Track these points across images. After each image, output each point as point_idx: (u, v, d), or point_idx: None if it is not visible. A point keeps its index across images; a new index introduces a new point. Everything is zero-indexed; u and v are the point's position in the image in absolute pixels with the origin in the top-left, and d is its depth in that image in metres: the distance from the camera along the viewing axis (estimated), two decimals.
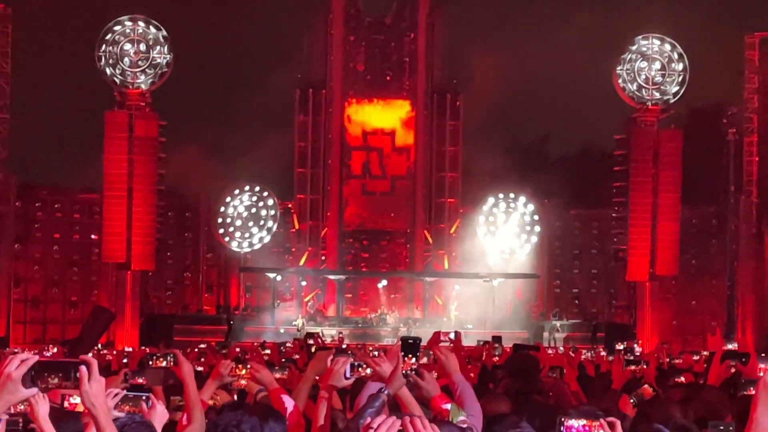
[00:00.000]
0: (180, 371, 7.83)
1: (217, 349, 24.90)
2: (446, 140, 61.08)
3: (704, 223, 60.21)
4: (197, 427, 7.38)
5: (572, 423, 5.76)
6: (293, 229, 61.58)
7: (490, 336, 29.95)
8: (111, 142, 54.01)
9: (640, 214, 55.66)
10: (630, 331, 53.56)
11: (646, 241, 55.63)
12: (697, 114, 61.67)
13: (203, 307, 60.80)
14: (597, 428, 5.73)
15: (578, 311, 60.76)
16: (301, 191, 61.14)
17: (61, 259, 59.20)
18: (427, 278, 60.46)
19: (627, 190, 56.59)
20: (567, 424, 5.77)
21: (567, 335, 52.64)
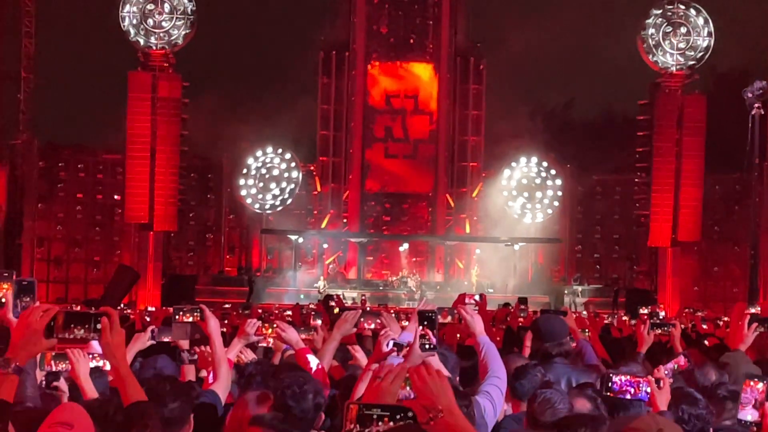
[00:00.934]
0: (206, 326, 7.86)
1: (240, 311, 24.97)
2: (469, 104, 60.95)
3: (727, 190, 59.91)
4: (223, 383, 7.41)
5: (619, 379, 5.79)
6: (315, 191, 61.60)
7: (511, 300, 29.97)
8: (134, 102, 53.97)
9: (663, 180, 55.39)
10: (651, 296, 53.43)
11: (668, 206, 55.39)
12: (722, 80, 61.30)
13: (225, 268, 60.93)
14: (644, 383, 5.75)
15: (599, 276, 60.71)
16: (323, 154, 61.13)
17: (83, 219, 59.33)
18: (448, 242, 60.45)
19: (650, 155, 56.31)
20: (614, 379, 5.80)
21: (588, 300, 52.64)
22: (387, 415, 3.78)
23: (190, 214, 60.26)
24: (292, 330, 8.33)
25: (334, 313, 12.85)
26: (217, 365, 7.62)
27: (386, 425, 3.76)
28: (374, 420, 3.77)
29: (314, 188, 61.51)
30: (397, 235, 60.65)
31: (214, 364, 7.75)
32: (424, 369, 4.29)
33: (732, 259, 59.92)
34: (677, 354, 8.24)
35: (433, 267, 60.44)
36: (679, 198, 55.21)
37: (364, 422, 3.76)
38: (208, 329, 7.81)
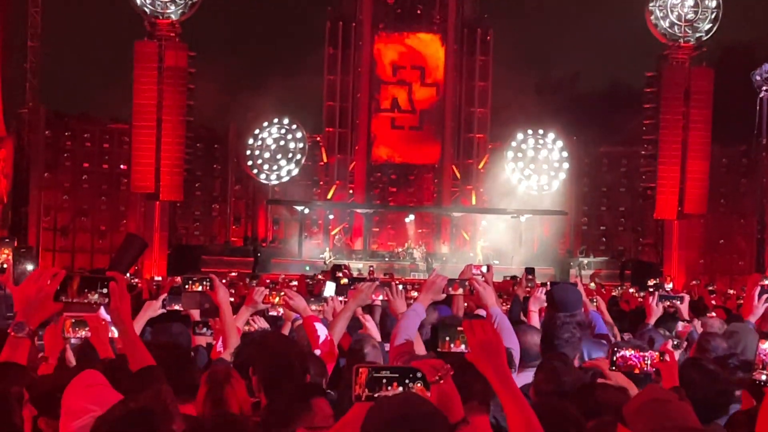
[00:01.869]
0: (216, 296, 7.87)
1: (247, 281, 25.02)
2: (476, 75, 60.84)
3: (734, 162, 59.90)
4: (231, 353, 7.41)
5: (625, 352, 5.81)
6: (321, 162, 61.58)
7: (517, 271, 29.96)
8: (140, 72, 53.92)
9: (670, 152, 55.35)
10: (657, 269, 53.48)
11: (675, 179, 55.36)
12: (728, 53, 61.08)
13: (231, 238, 61.02)
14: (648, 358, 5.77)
15: (605, 248, 60.71)
16: (330, 125, 61.06)
17: (90, 188, 59.40)
18: (454, 213, 60.51)
19: (657, 127, 56.24)
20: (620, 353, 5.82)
21: (594, 272, 52.60)
22: (396, 378, 3.79)
23: (196, 184, 60.28)
24: (299, 298, 8.34)
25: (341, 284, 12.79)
26: (227, 334, 7.65)
27: (395, 389, 3.78)
28: (383, 384, 3.79)
29: (320, 159, 61.48)
30: (403, 207, 60.66)
31: (223, 333, 7.79)
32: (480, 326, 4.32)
33: (738, 231, 59.98)
34: None
35: (438, 238, 60.49)
36: (685, 170, 55.18)
37: (373, 386, 3.78)
38: (218, 299, 7.84)
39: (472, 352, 4.29)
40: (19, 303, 4.50)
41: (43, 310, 4.53)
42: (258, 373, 5.95)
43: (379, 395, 3.79)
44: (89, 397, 4.14)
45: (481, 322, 4.40)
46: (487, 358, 4.25)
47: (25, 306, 4.46)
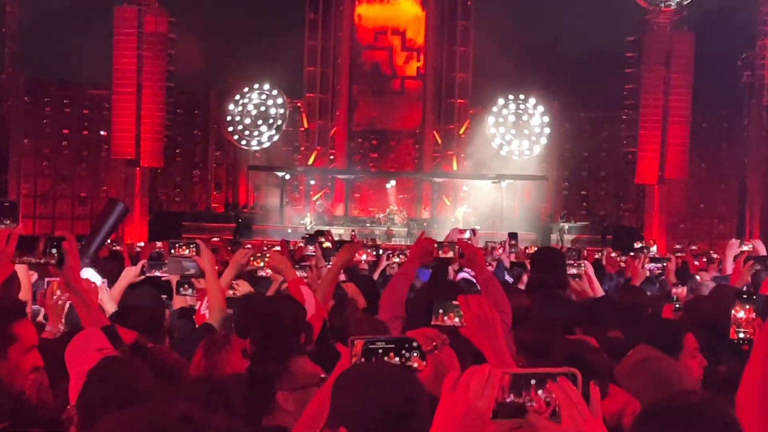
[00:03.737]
0: (201, 261, 7.84)
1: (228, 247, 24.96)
2: (457, 40, 60.72)
3: (715, 127, 59.98)
4: (217, 317, 7.39)
5: None
6: (302, 128, 61.42)
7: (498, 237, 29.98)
8: (120, 38, 53.75)
9: (651, 117, 55.47)
10: (638, 233, 53.57)
11: (656, 144, 55.49)
12: (709, 16, 61.01)
13: (212, 204, 60.96)
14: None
15: (586, 213, 60.81)
16: (310, 90, 60.87)
17: (70, 155, 59.19)
18: (435, 179, 60.52)
19: (638, 92, 56.34)
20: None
21: (575, 237, 52.75)
22: (392, 349, 3.76)
23: (176, 150, 60.14)
24: (285, 260, 8.30)
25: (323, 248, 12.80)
26: (212, 299, 7.61)
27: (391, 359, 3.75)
28: (380, 354, 3.76)
29: (301, 125, 61.33)
30: (384, 172, 60.57)
31: (208, 296, 7.75)
32: (476, 300, 4.30)
33: (719, 196, 60.16)
34: None
35: (420, 204, 60.49)
36: (666, 135, 55.28)
37: (369, 357, 3.75)
38: (203, 264, 7.80)
39: (468, 326, 4.28)
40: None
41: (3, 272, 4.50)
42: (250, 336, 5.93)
43: None
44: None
45: (477, 296, 4.39)
46: (483, 333, 4.24)
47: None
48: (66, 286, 4.82)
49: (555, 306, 7.90)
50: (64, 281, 4.77)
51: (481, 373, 2.66)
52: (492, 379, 2.65)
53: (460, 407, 2.66)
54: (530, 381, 2.66)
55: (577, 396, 2.63)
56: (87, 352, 4.34)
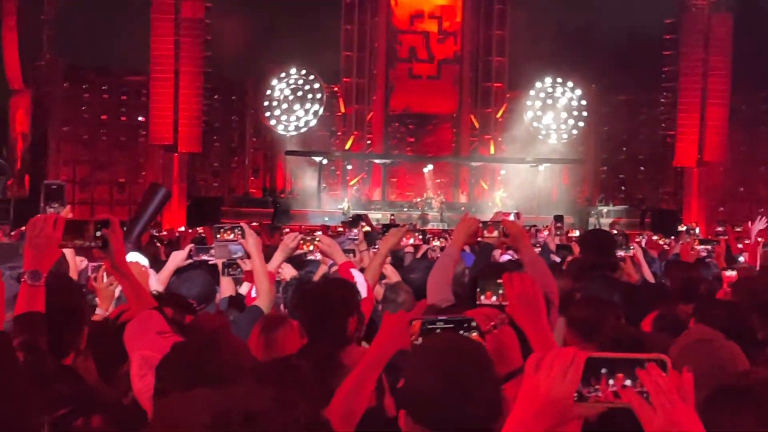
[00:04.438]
0: (247, 244, 7.85)
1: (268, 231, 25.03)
2: (494, 23, 60.51)
3: (754, 110, 59.53)
4: (265, 300, 7.41)
5: None
6: (339, 112, 61.42)
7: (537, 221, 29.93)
8: (157, 23, 53.88)
9: (689, 100, 55.12)
10: (677, 216, 53.34)
11: (694, 126, 55.14)
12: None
13: (249, 189, 61.10)
14: None
15: (624, 197, 60.52)
16: (347, 75, 60.84)
17: (108, 141, 59.47)
18: (472, 163, 60.44)
19: (676, 75, 56.02)
20: None
21: (613, 221, 52.55)
22: (450, 328, 3.75)
23: (214, 135, 60.25)
24: (335, 244, 8.32)
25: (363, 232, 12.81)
26: (259, 281, 7.63)
27: None
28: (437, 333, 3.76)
29: (338, 109, 61.34)
30: (421, 156, 60.51)
31: (255, 279, 7.77)
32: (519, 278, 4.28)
33: (758, 179, 59.70)
34: None
35: (457, 188, 60.46)
36: (705, 118, 54.94)
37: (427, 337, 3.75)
38: (248, 246, 7.82)
39: (511, 304, 4.26)
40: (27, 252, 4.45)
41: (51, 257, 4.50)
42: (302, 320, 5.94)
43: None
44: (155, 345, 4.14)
45: (521, 274, 4.37)
46: (525, 311, 4.21)
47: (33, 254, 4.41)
48: (112, 269, 4.81)
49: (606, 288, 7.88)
50: (111, 264, 4.76)
51: (566, 355, 2.65)
52: (576, 361, 2.63)
53: (543, 389, 2.65)
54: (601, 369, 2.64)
55: (667, 383, 2.60)
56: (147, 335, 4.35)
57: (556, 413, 2.65)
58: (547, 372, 2.65)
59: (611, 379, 2.61)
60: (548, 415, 2.65)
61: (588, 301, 6.62)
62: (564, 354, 2.66)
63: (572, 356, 2.65)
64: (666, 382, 2.61)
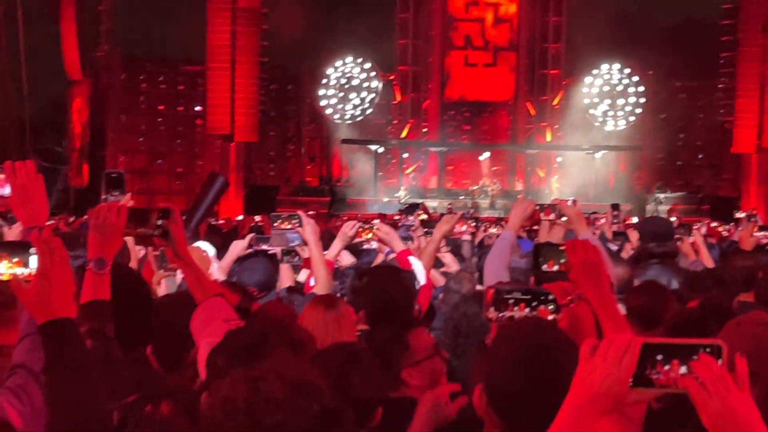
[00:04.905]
0: (304, 232, 7.89)
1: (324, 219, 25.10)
2: (550, 10, 60.17)
3: None
4: (323, 288, 7.45)
5: None
6: (395, 101, 61.38)
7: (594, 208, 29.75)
8: (213, 13, 54.07)
9: (748, 85, 54.51)
10: (736, 203, 52.84)
11: (753, 112, 54.54)
12: None
13: (306, 178, 61.26)
14: None
15: (682, 183, 60.05)
16: (402, 63, 60.77)
17: (165, 130, 59.90)
18: (529, 150, 60.21)
19: (734, 60, 55.45)
20: None
21: (671, 207, 52.12)
22: (525, 300, 3.75)
23: (270, 125, 60.47)
24: (393, 232, 8.34)
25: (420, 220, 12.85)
26: (317, 269, 7.67)
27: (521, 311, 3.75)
28: (510, 304, 3.76)
29: (394, 98, 61.29)
30: (478, 144, 60.32)
31: (313, 268, 7.82)
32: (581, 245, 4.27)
33: None
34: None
35: (513, 176, 60.24)
36: (764, 103, 54.35)
37: (499, 305, 3.75)
38: (305, 235, 7.86)
39: (573, 272, 4.24)
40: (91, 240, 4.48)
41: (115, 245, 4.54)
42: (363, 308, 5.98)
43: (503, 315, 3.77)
44: None
45: (583, 241, 4.35)
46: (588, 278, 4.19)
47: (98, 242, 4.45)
48: (174, 257, 4.85)
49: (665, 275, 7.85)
50: (172, 252, 4.80)
51: (622, 341, 2.67)
52: (632, 348, 2.65)
53: (598, 374, 2.67)
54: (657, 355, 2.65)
55: (721, 370, 2.61)
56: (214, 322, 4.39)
57: (611, 399, 2.67)
58: (603, 358, 2.67)
59: (667, 365, 2.63)
60: (603, 400, 2.68)
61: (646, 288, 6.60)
62: (620, 340, 2.67)
63: (628, 342, 2.66)
64: (720, 368, 2.62)
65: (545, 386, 3.12)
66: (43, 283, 3.39)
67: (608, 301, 4.19)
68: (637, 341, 2.66)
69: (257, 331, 3.94)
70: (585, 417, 2.70)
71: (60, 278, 3.43)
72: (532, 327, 3.60)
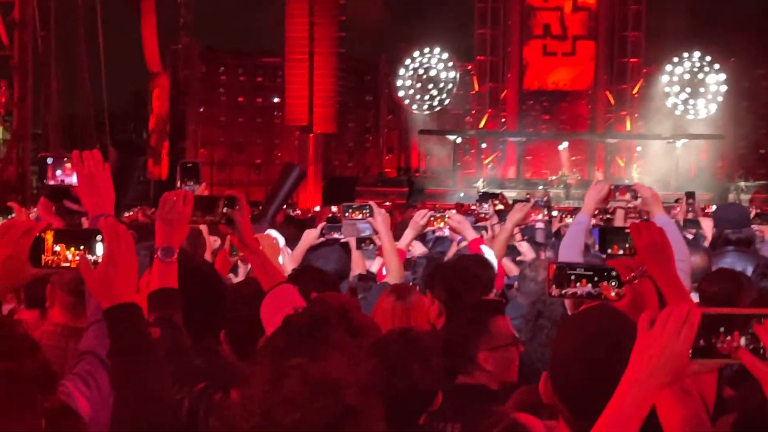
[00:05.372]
0: (375, 222, 7.90)
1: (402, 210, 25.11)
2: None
3: None
4: (395, 277, 7.44)
5: None
6: (473, 91, 61.22)
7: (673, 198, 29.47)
8: (292, 5, 54.34)
9: None
10: None
11: None
12: None
13: (384, 169, 61.34)
14: None
15: (764, 172, 59.28)
16: (480, 53, 60.60)
17: (244, 122, 60.30)
18: (608, 140, 59.77)
19: None
20: None
21: (752, 196, 51.52)
22: (587, 276, 3.72)
23: (348, 116, 60.64)
24: (464, 220, 8.34)
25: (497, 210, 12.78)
26: (388, 259, 7.68)
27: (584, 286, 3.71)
28: (572, 279, 3.73)
29: (472, 88, 61.13)
30: (556, 134, 60.05)
31: (384, 257, 7.83)
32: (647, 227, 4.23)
33: None
34: None
35: (593, 165, 59.80)
36: None
37: (561, 281, 3.72)
38: (377, 225, 7.87)
39: (639, 254, 4.20)
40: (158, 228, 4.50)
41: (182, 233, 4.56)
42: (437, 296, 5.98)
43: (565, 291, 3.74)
44: None
45: (648, 223, 4.30)
46: (655, 261, 4.14)
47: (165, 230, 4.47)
48: (240, 245, 4.87)
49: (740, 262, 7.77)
50: (238, 240, 4.83)
51: (680, 312, 2.64)
52: (691, 318, 2.62)
53: (657, 347, 2.63)
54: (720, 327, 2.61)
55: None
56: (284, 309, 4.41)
57: (670, 371, 2.63)
58: (662, 329, 2.63)
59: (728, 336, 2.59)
60: (663, 373, 2.64)
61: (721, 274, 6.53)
62: (678, 311, 2.63)
63: (687, 313, 2.63)
64: None
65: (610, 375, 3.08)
66: (109, 269, 3.42)
67: (675, 284, 4.15)
68: (697, 311, 2.62)
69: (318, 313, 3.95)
70: (644, 391, 2.67)
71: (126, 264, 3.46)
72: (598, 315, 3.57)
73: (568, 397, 3.33)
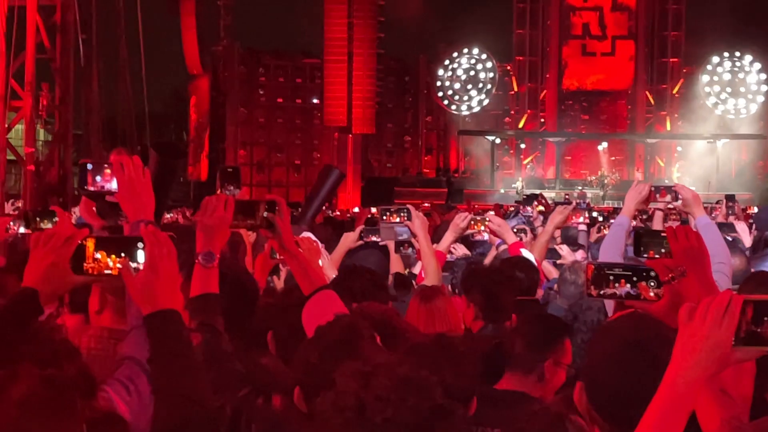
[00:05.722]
0: (413, 225, 7.91)
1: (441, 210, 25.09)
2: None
3: None
4: (433, 280, 7.45)
5: None
6: (512, 91, 61.10)
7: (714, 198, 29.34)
8: (331, 6, 54.42)
9: None
10: None
11: None
12: None
13: (423, 170, 61.29)
14: None
15: None
16: (519, 53, 60.49)
17: (284, 123, 60.40)
18: (648, 140, 59.50)
19: None
20: None
21: None
22: (626, 276, 3.71)
23: (387, 116, 60.64)
24: (504, 223, 8.34)
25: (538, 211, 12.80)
26: (426, 261, 7.69)
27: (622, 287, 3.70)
28: (610, 280, 3.72)
29: (511, 88, 61.03)
30: (596, 134, 59.85)
31: (423, 260, 7.85)
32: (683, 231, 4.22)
33: None
34: None
35: (632, 165, 59.54)
36: None
37: (599, 282, 3.71)
38: (414, 228, 7.88)
39: (675, 258, 4.19)
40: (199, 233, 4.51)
41: (223, 238, 4.57)
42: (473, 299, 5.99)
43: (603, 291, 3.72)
44: None
45: (685, 228, 4.28)
46: (690, 266, 4.13)
47: (206, 235, 4.49)
48: (281, 249, 4.88)
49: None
50: (279, 244, 4.84)
51: (720, 301, 2.63)
52: (732, 307, 2.61)
53: (698, 337, 2.62)
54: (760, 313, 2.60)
55: None
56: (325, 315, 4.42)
57: (715, 360, 2.62)
58: (702, 319, 2.63)
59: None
60: (708, 362, 2.63)
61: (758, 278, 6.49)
62: (719, 299, 2.62)
63: (728, 300, 2.62)
64: None
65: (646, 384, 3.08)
66: (149, 275, 3.45)
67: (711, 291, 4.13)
68: (738, 299, 2.61)
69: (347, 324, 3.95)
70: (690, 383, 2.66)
71: (167, 271, 3.49)
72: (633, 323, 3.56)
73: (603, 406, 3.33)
